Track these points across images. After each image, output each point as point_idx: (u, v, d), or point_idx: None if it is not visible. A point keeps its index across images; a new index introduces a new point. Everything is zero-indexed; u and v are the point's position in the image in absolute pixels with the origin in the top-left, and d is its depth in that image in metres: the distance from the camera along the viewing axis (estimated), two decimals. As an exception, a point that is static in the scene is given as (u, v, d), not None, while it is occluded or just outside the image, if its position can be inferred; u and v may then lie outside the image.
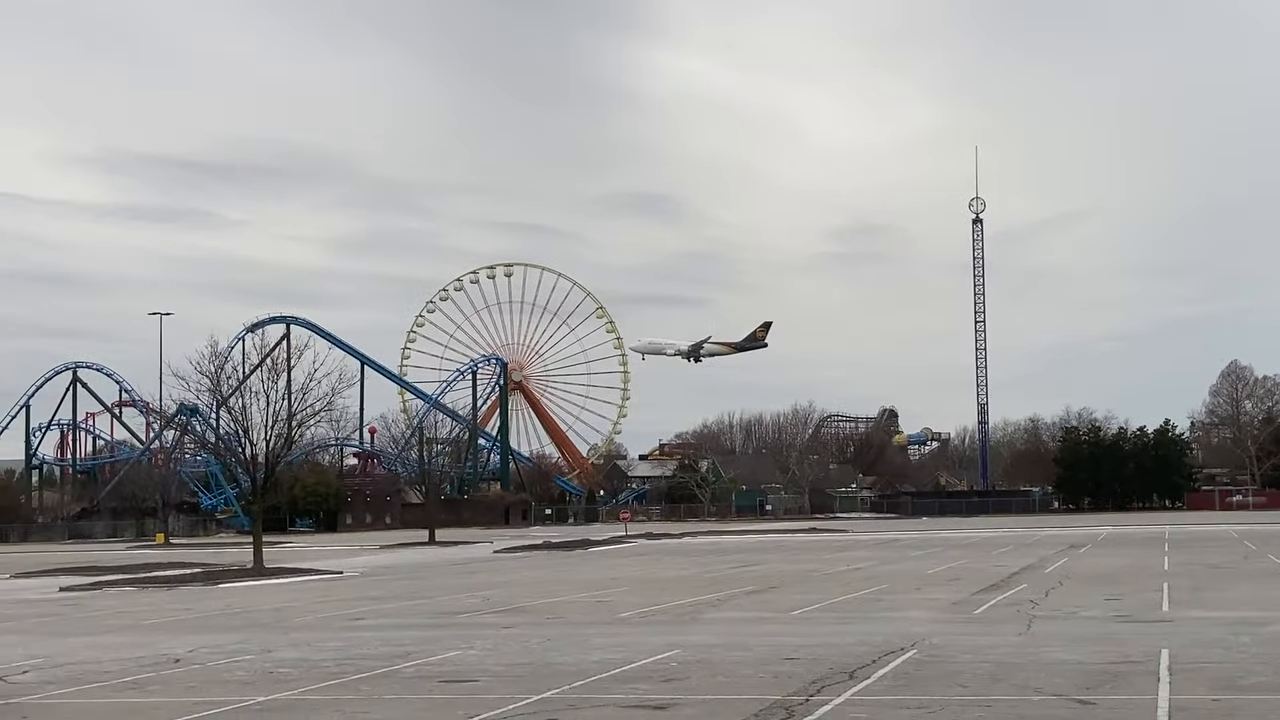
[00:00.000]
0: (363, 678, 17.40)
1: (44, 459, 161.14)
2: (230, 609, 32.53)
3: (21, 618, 31.35)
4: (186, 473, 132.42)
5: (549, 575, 44.16)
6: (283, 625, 26.92)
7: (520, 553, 65.47)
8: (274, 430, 53.07)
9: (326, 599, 35.08)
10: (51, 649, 22.85)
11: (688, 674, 16.93)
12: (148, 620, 29.54)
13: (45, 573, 54.19)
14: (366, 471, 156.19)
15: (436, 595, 35.18)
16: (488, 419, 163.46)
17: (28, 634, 26.47)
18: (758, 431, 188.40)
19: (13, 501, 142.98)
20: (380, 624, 26.49)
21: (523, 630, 23.86)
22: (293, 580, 45.66)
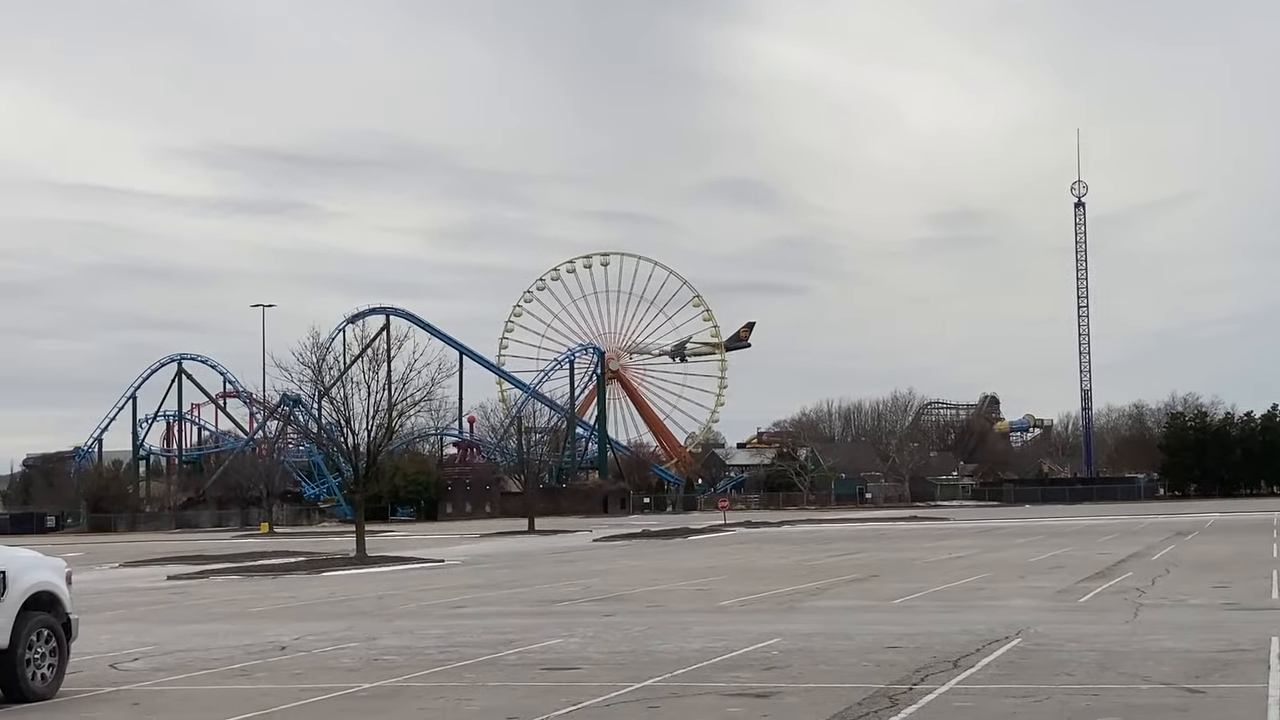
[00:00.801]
0: (466, 665, 17.56)
1: (150, 450, 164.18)
2: (334, 597, 32.95)
3: (131, 606, 31.98)
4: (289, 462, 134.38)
5: (648, 564, 44.25)
6: (386, 613, 27.22)
7: (619, 541, 65.66)
8: (375, 420, 53.63)
9: (428, 587, 35.43)
10: (161, 636, 23.29)
11: (789, 662, 16.90)
12: (254, 608, 30.01)
13: (153, 561, 55.21)
14: (466, 461, 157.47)
15: (536, 583, 35.39)
16: (585, 408, 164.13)
17: (137, 621, 26.99)
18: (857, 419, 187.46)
19: (121, 491, 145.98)
20: (482, 612, 26.70)
21: (623, 618, 23.94)
22: (395, 568, 46.14)
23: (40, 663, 15.56)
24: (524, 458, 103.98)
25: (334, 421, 55.24)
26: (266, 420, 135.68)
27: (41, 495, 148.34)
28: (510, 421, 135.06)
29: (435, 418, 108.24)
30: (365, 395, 53.41)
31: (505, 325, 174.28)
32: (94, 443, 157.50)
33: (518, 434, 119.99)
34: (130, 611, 30.00)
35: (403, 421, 58.08)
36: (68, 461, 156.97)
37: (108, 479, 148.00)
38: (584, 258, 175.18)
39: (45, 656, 15.65)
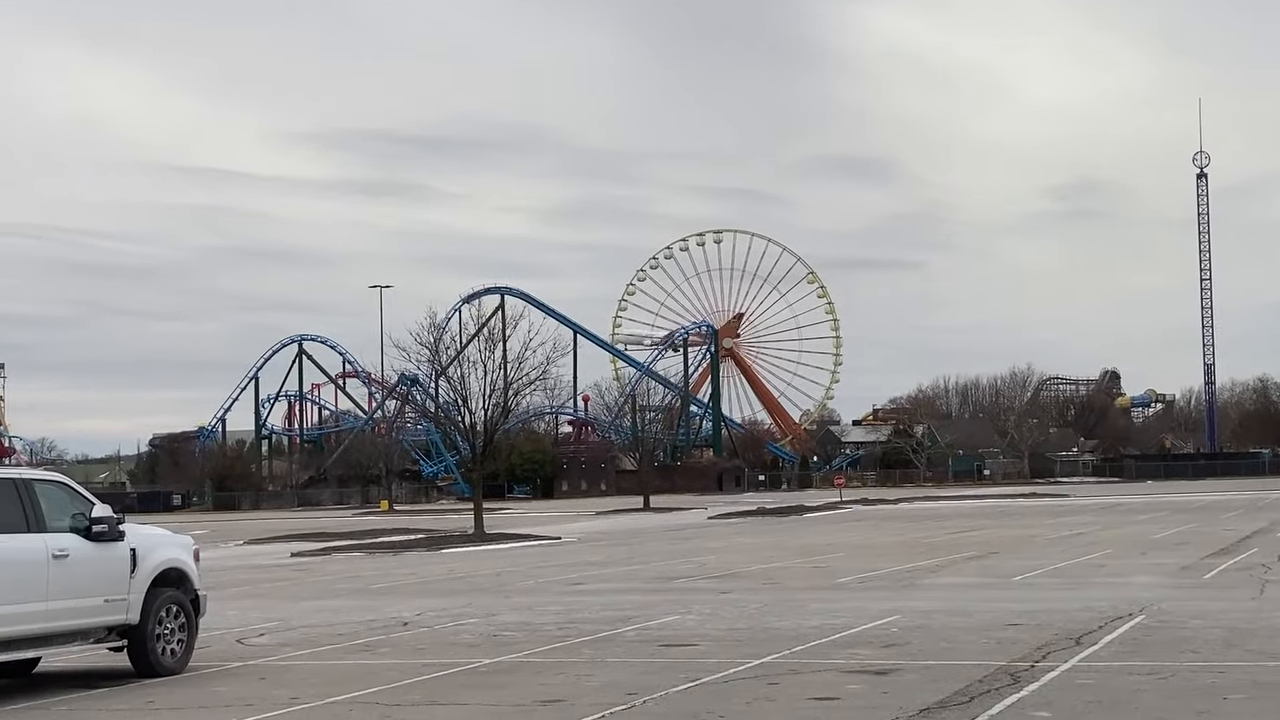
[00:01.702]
0: (584, 641, 17.69)
1: (272, 429, 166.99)
2: (453, 573, 33.32)
3: (256, 582, 32.59)
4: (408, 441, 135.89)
5: (764, 541, 44.21)
6: (504, 589, 27.48)
7: (734, 519, 65.62)
8: (491, 399, 54.05)
9: (546, 564, 35.70)
10: (286, 612, 23.71)
11: (908, 639, 16.81)
12: (375, 584, 30.44)
13: (276, 539, 56.18)
14: (581, 439, 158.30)
15: (653, 561, 35.51)
16: (699, 386, 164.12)
17: (263, 598, 27.50)
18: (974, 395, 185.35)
19: (244, 470, 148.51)
20: (599, 589, 26.85)
21: (740, 595, 23.96)
22: (512, 546, 46.52)
23: (170, 638, 15.93)
24: (638, 435, 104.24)
25: (451, 400, 55.76)
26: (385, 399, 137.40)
27: (168, 474, 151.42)
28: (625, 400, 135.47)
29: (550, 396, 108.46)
30: (481, 374, 53.91)
31: (619, 303, 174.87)
32: (218, 422, 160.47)
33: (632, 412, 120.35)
34: (255, 588, 30.57)
35: (518, 400, 58.45)
36: (193, 441, 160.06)
37: (231, 458, 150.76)
38: (697, 235, 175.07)
39: (175, 632, 16.01)
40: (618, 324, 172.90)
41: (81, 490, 15.73)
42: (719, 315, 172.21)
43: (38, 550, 14.35)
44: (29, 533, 14.37)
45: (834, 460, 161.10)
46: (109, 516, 15.20)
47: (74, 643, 15.00)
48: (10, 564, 13.97)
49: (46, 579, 14.37)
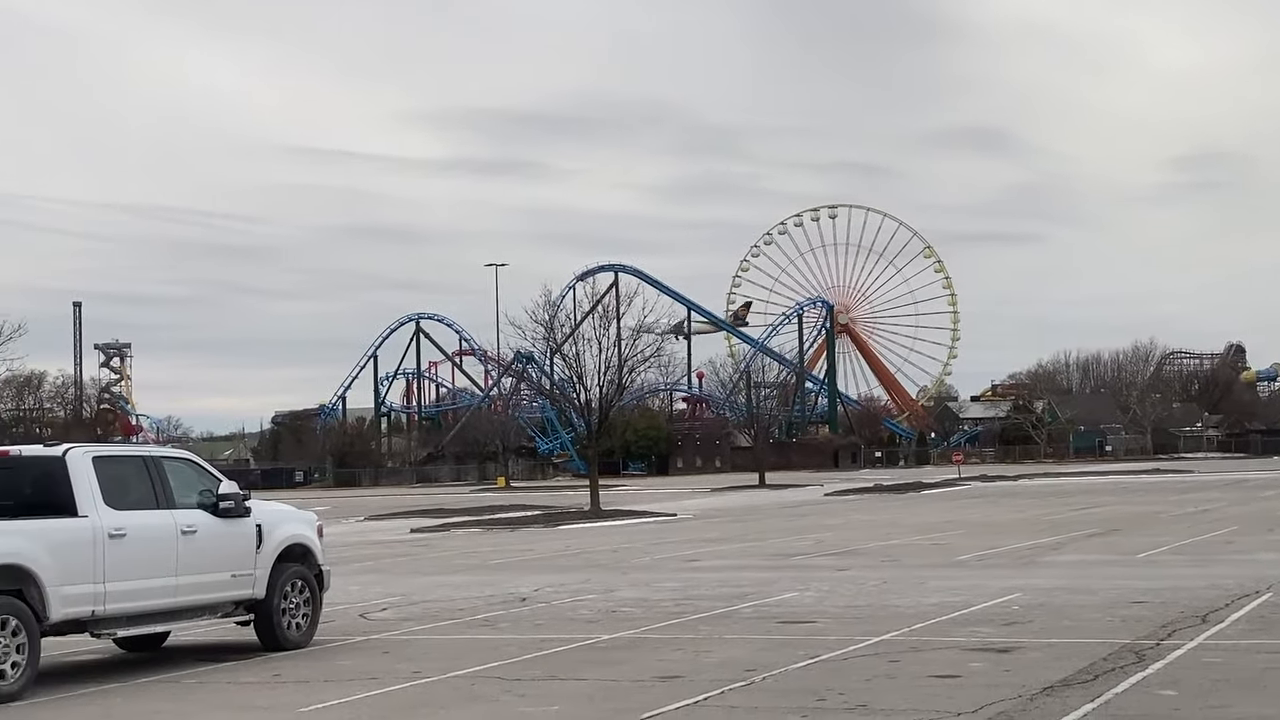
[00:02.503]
0: (702, 617, 17.72)
1: (391, 406, 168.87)
2: (570, 549, 33.55)
3: (378, 557, 33.08)
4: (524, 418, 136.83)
5: (881, 518, 43.96)
6: (621, 565, 27.63)
7: (851, 495, 65.32)
8: (606, 376, 54.23)
9: (662, 540, 35.81)
10: (407, 587, 24.04)
11: (1030, 617, 16.63)
12: (493, 560, 30.76)
13: (396, 515, 56.94)
14: (695, 416, 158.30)
15: (769, 537, 35.47)
16: (814, 362, 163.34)
17: (384, 573, 27.91)
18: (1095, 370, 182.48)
19: (364, 447, 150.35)
20: (716, 565, 26.89)
21: (858, 573, 23.86)
22: (628, 522, 46.72)
23: (295, 612, 16.22)
24: (753, 412, 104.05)
25: (566, 378, 56.04)
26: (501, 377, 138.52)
27: (290, 451, 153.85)
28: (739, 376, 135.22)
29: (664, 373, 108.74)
30: (596, 351, 54.07)
31: (733, 280, 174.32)
32: (338, 400, 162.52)
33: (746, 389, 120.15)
34: (377, 563, 31.03)
35: (633, 377, 58.60)
36: (314, 418, 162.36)
37: (352, 435, 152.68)
38: (812, 211, 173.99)
39: (299, 606, 16.31)
40: (732, 300, 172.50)
41: (209, 467, 16.06)
42: (834, 291, 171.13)
43: (167, 527, 14.69)
44: (159, 509, 14.71)
45: (952, 437, 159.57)
46: (236, 493, 15.52)
47: (202, 617, 15.34)
48: (141, 540, 14.31)
49: (176, 555, 14.70)
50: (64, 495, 13.93)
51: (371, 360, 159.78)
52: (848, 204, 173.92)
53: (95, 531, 13.83)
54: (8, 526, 13.41)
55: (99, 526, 13.87)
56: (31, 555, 13.18)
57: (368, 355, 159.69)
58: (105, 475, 14.23)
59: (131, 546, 14.14)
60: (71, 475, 13.99)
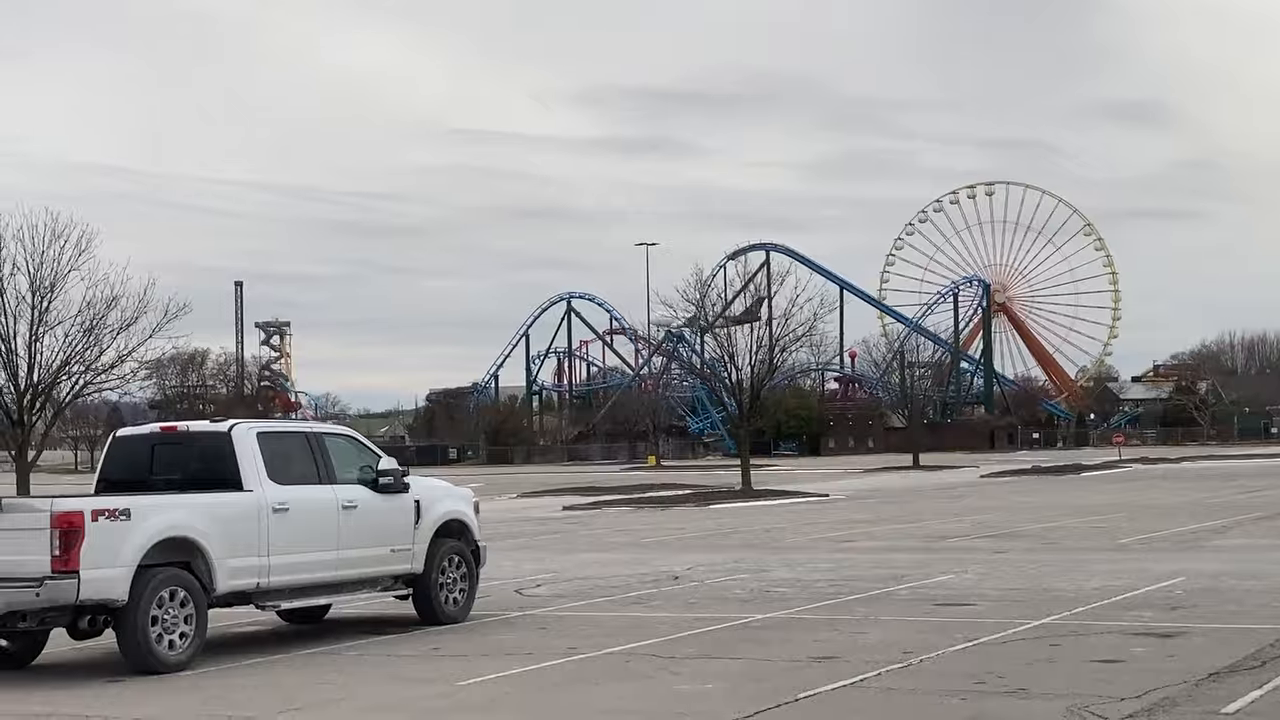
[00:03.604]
0: (856, 599, 17.65)
1: (543, 385, 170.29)
2: (722, 529, 33.62)
3: (532, 535, 33.46)
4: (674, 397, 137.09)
5: (1040, 500, 43.30)
6: (774, 545, 27.61)
7: (1007, 477, 64.46)
8: (758, 356, 54.11)
9: (815, 521, 35.71)
10: (560, 564, 24.29)
11: (1194, 602, 16.28)
12: (646, 538, 30.93)
13: (548, 492, 57.49)
14: (848, 396, 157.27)
15: (924, 519, 35.16)
16: (970, 342, 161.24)
17: (538, 550, 28.22)
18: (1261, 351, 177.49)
19: (517, 425, 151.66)
20: (870, 546, 26.75)
21: (1016, 555, 23.56)
22: (780, 502, 46.62)
23: (452, 588, 16.48)
24: (907, 392, 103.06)
25: (717, 357, 56.07)
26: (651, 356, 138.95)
27: (443, 428, 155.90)
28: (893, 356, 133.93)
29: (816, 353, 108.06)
30: (748, 331, 53.97)
31: (886, 258, 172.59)
32: (490, 378, 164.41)
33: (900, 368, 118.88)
34: (531, 540, 31.39)
35: (785, 357, 58.40)
36: (467, 396, 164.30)
37: (504, 413, 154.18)
38: (967, 188, 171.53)
39: (457, 582, 16.55)
40: (885, 279, 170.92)
41: (368, 444, 16.40)
42: (991, 269, 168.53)
43: (329, 501, 15.02)
44: (320, 485, 15.06)
45: (1112, 418, 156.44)
46: (395, 469, 15.79)
47: (362, 590, 15.65)
48: (304, 514, 14.66)
49: (337, 529, 15.03)
50: (230, 470, 14.33)
51: (523, 339, 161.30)
52: (1004, 181, 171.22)
53: (260, 506, 14.20)
54: (176, 500, 13.84)
55: (263, 501, 14.24)
56: (198, 528, 13.58)
57: (520, 334, 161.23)
58: (269, 450, 14.59)
59: (294, 521, 14.50)
60: (237, 450, 14.38)
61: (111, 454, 15.22)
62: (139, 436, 15.44)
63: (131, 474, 14.74)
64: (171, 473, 14.65)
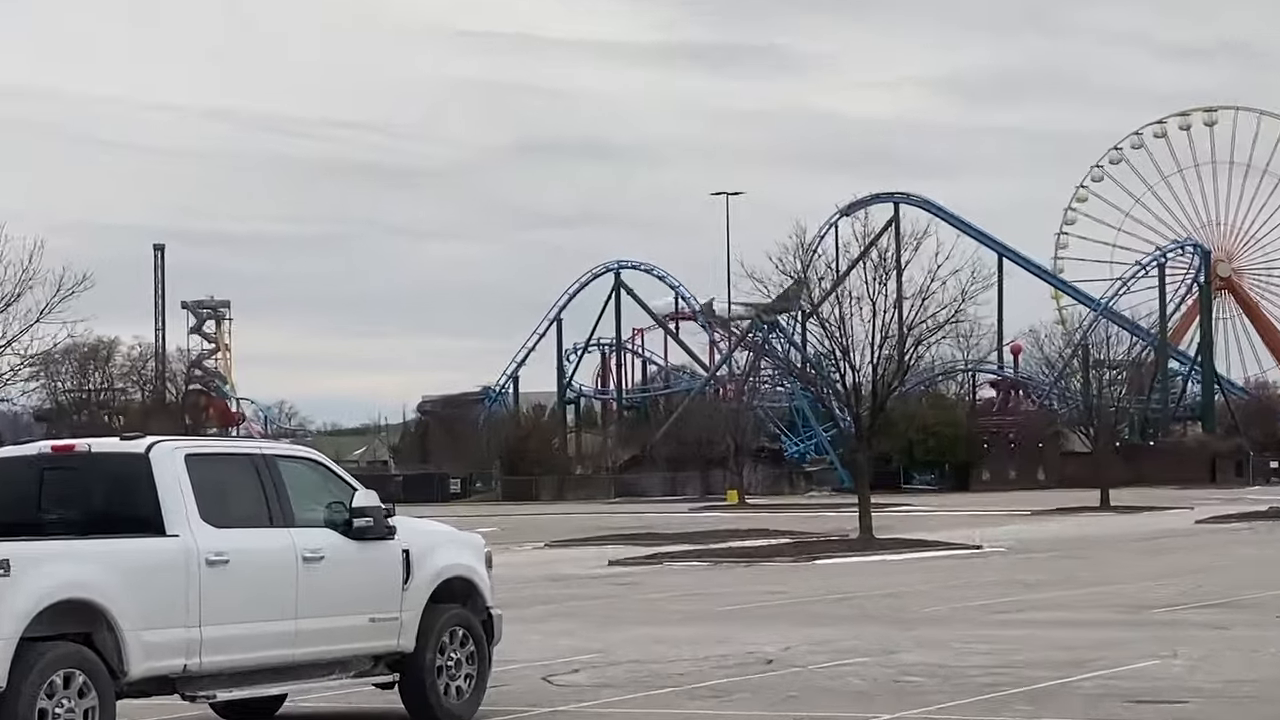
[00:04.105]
0: (1020, 693, 17.60)
1: (580, 390, 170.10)
2: (831, 593, 33.56)
3: (564, 599, 33.45)
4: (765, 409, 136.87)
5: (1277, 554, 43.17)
6: (903, 617, 27.57)
7: (1235, 523, 64.01)
8: (882, 350, 53.89)
9: (960, 582, 35.62)
10: (605, 641, 24.28)
11: None
12: (723, 606, 30.91)
13: (588, 540, 57.41)
14: (1009, 407, 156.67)
15: (1117, 581, 34.99)
16: (1181, 332, 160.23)
17: (574, 620, 28.22)
18: None
19: (544, 447, 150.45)
20: (1039, 619, 26.66)
21: (1245, 632, 23.49)
22: (912, 556, 46.47)
23: (455, 672, 16.48)
24: (1092, 403, 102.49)
25: (826, 352, 55.89)
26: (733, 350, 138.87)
27: (442, 450, 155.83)
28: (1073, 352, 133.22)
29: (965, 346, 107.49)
30: (869, 316, 53.75)
31: (1064, 214, 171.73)
32: (508, 381, 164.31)
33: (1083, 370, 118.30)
34: (563, 606, 31.38)
35: (920, 352, 58.18)
36: (475, 406, 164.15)
37: (527, 430, 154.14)
38: (1178, 115, 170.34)
39: (461, 664, 16.56)
40: (1062, 244, 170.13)
41: (339, 471, 16.41)
42: (1211, 232, 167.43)
43: (283, 551, 15.04)
44: (272, 528, 15.10)
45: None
46: (375, 507, 15.78)
47: (330, 676, 15.69)
48: (249, 568, 14.68)
49: (295, 590, 15.04)
50: (147, 506, 14.36)
51: (554, 326, 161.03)
52: (1231, 105, 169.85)
53: (188, 557, 14.23)
54: (71, 549, 13.88)
55: (193, 549, 14.27)
56: (102, 588, 13.61)
57: (548, 319, 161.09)
58: (202, 480, 14.62)
59: (236, 577, 14.53)
60: (157, 479, 14.39)
61: (-15, 483, 15.30)
62: (21, 459, 15.51)
63: (11, 512, 14.77)
64: (66, 509, 14.71)
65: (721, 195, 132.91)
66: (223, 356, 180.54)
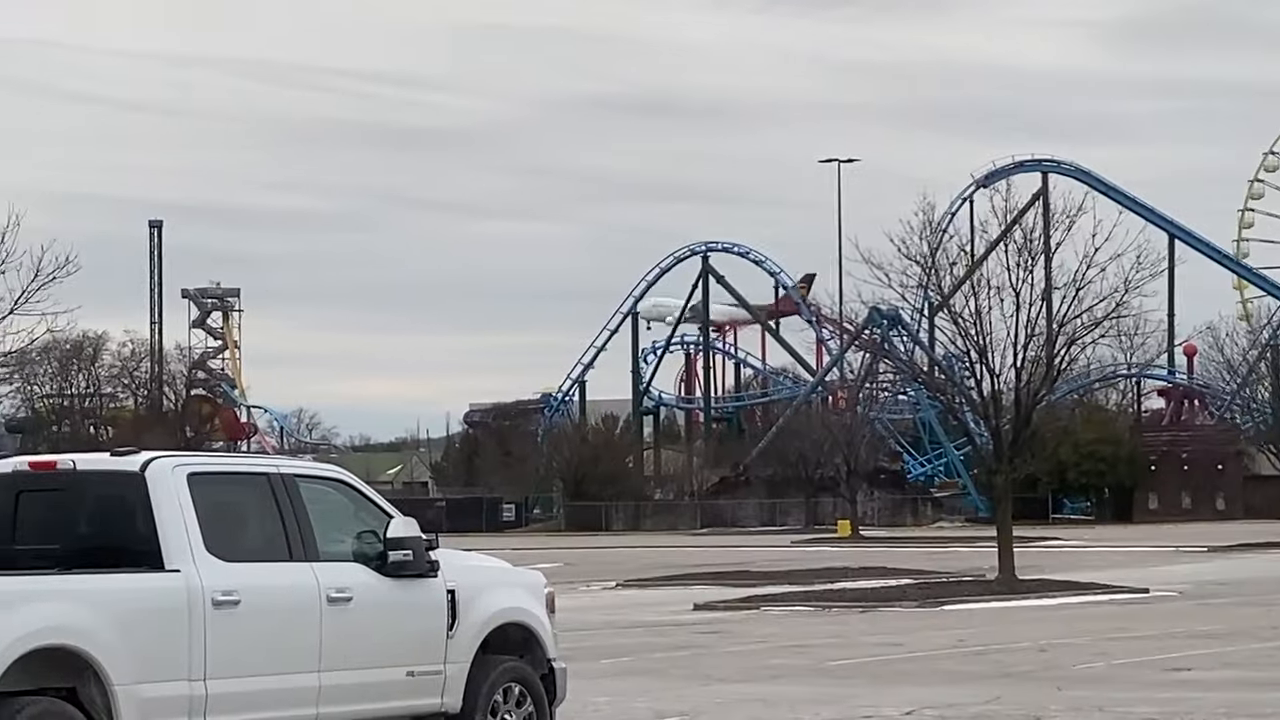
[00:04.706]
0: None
1: (660, 398, 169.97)
2: (964, 645, 33.57)
3: (641, 650, 33.50)
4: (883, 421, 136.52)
5: None
6: (1054, 674, 27.50)
7: None
8: (1028, 351, 53.74)
9: (1124, 632, 35.54)
10: (691, 701, 24.36)
11: None
12: (833, 660, 30.87)
13: (668, 579, 57.50)
14: (1181, 421, 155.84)
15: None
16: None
17: (652, 675, 28.28)
18: None
19: (617, 465, 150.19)
20: (1215, 678, 26.63)
21: None
22: (1064, 600, 46.38)
23: (509, 738, 16.58)
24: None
25: (959, 353, 55.80)
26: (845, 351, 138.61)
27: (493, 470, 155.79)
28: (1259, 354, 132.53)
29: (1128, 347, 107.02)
30: (1011, 309, 53.59)
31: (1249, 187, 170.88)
32: (572, 387, 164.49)
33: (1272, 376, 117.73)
34: (641, 659, 31.47)
35: (1074, 354, 57.97)
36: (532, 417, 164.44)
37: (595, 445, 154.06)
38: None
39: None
40: (1247, 222, 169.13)
41: (371, 494, 16.44)
42: None
43: (305, 590, 15.16)
44: (290, 561, 15.20)
45: None
46: (414, 538, 15.83)
47: (360, 739, 15.77)
48: (264, 611, 14.77)
49: (319, 637, 15.16)
50: (143, 535, 14.49)
51: (628, 321, 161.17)
52: None
53: (191, 595, 14.35)
54: (53, 586, 14.00)
55: (197, 587, 14.38)
56: (90, 633, 13.73)
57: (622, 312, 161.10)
58: (208, 504, 14.74)
59: (248, 621, 14.63)
60: (155, 503, 14.52)
61: (-51, 506, 15.41)
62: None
63: (-20, 540, 14.93)
64: (46, 538, 14.84)
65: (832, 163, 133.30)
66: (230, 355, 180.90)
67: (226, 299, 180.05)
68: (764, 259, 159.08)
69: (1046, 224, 61.71)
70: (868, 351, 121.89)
